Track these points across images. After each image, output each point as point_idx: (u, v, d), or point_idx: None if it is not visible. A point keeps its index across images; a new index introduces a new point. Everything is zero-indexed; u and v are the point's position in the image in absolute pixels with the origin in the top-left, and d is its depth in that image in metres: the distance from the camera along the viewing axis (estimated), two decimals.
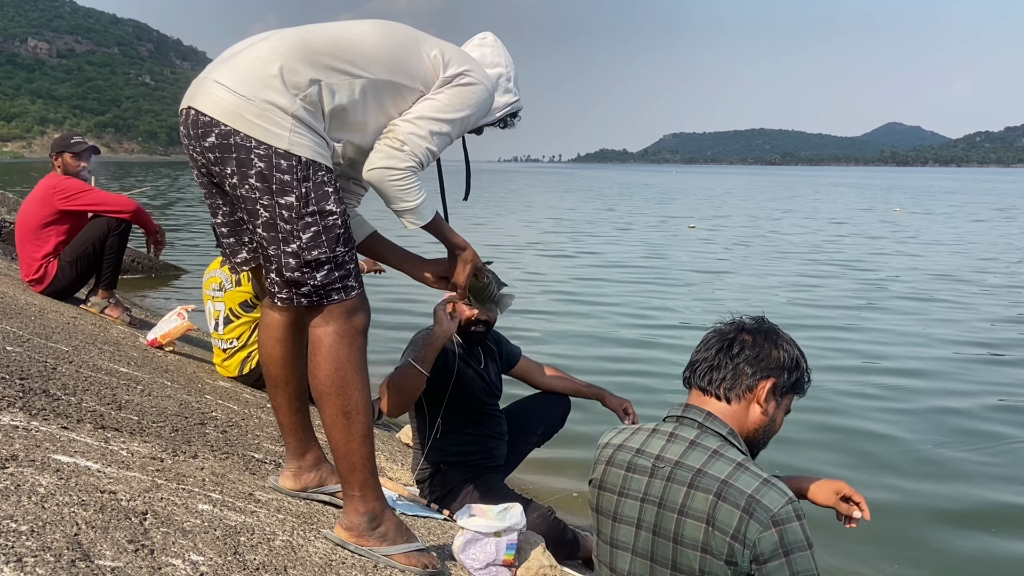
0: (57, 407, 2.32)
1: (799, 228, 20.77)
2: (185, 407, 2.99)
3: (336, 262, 1.85)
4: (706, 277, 11.55)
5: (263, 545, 1.75)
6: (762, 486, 1.58)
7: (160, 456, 2.18)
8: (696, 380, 1.79)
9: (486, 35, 2.29)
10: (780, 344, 1.78)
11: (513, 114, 2.32)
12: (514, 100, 2.28)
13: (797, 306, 9.23)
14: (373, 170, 1.93)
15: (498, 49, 2.25)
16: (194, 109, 1.83)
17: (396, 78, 1.95)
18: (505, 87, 2.24)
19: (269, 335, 2.12)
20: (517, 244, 15.73)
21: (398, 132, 1.93)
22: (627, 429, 1.84)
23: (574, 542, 2.94)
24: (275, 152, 1.78)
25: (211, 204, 2.01)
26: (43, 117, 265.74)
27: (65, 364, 2.95)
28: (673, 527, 1.64)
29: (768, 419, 1.77)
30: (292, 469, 2.24)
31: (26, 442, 1.86)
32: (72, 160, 4.91)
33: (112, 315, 4.79)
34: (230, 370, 4.01)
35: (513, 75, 2.27)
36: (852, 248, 15.87)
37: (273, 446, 2.90)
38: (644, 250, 15.06)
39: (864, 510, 1.87)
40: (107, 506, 1.59)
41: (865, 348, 7.20)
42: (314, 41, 1.87)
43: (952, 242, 17.51)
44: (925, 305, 9.34)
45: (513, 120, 2.34)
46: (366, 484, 1.92)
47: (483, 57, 2.20)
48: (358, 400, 1.88)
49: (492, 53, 2.23)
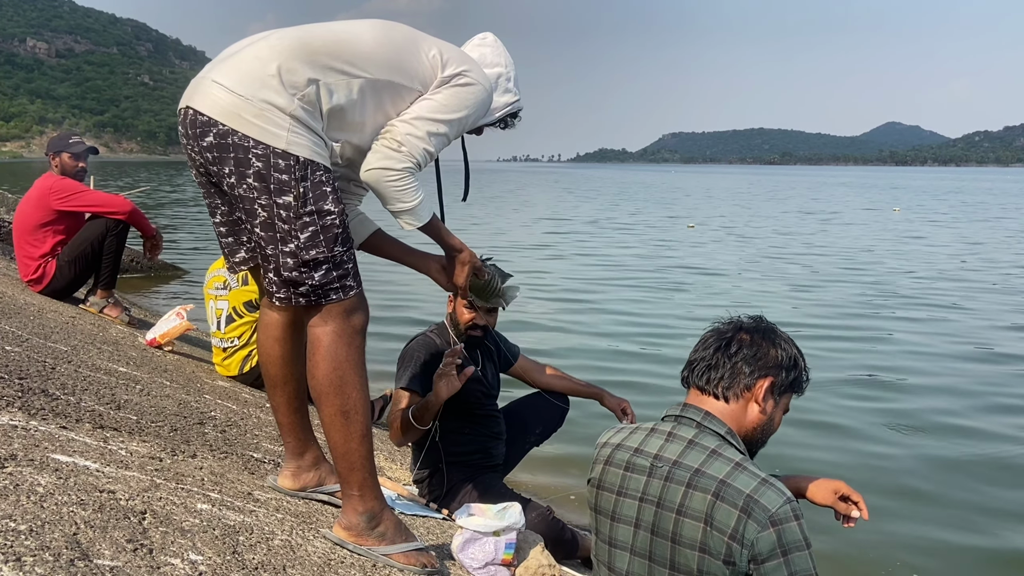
0: (56, 407, 2.32)
1: (799, 228, 20.75)
2: (184, 407, 2.99)
3: (334, 262, 1.85)
4: (704, 278, 11.55)
5: (262, 544, 1.75)
6: (760, 486, 1.58)
7: (159, 456, 2.18)
8: (694, 379, 1.79)
9: (486, 35, 2.29)
10: (778, 343, 1.78)
11: (513, 114, 2.32)
12: (514, 100, 2.28)
13: (798, 306, 9.23)
14: (370, 171, 1.93)
15: (498, 49, 2.25)
16: (192, 108, 1.83)
17: (394, 78, 1.95)
18: (505, 87, 2.24)
19: (268, 334, 2.12)
20: (515, 244, 15.72)
21: (395, 133, 1.93)
22: (626, 428, 1.84)
23: (573, 541, 2.94)
24: (273, 152, 1.78)
25: (210, 204, 2.01)
26: (42, 117, 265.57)
27: (64, 364, 2.95)
28: (671, 527, 1.64)
29: (766, 418, 1.77)
30: (291, 468, 2.24)
31: (25, 442, 1.86)
32: (70, 160, 4.91)
33: (111, 315, 4.80)
34: (230, 369, 4.01)
35: (513, 75, 2.27)
36: (854, 248, 15.83)
37: (272, 445, 2.90)
38: (642, 250, 15.05)
39: (863, 509, 1.87)
40: (106, 505, 1.59)
41: (870, 350, 7.19)
42: (312, 41, 1.87)
43: (958, 241, 17.49)
44: (937, 311, 9.20)
45: (513, 120, 2.34)
46: (365, 483, 1.92)
47: (483, 57, 2.20)
48: (356, 399, 1.88)
49: (492, 53, 2.23)
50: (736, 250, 15.25)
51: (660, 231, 19.43)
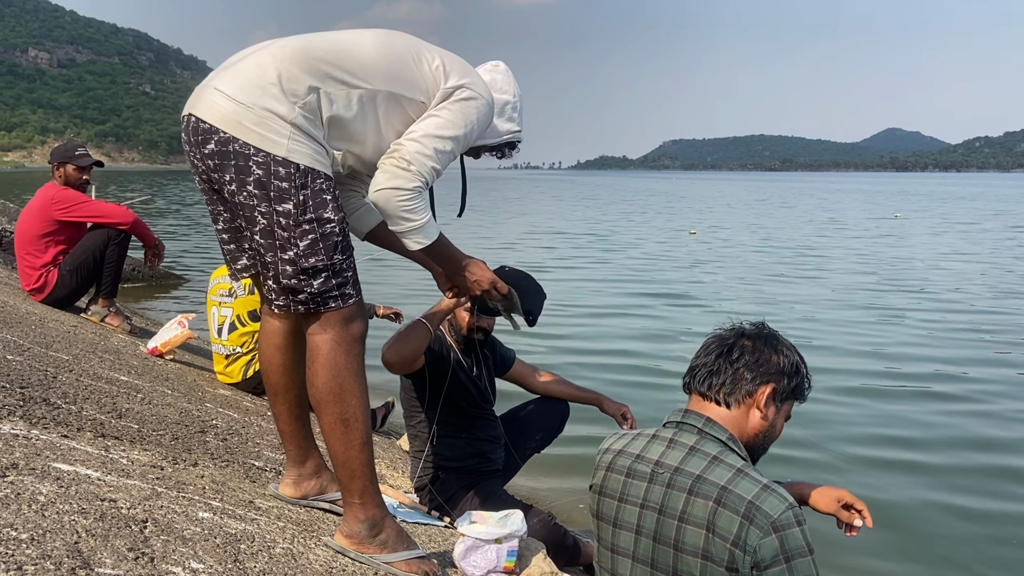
0: (57, 416, 2.32)
1: (804, 234, 20.71)
2: (185, 415, 2.99)
3: (333, 270, 1.85)
4: (706, 283, 11.54)
5: (263, 553, 1.75)
6: (762, 492, 1.57)
7: (160, 464, 2.18)
8: (696, 385, 1.79)
9: (498, 63, 2.31)
10: (780, 349, 1.78)
11: (511, 145, 2.33)
12: (516, 130, 2.30)
13: (802, 307, 9.22)
14: (380, 191, 1.92)
15: (508, 78, 2.27)
16: (194, 116, 1.83)
17: (396, 88, 1.95)
18: (509, 115, 2.26)
19: (269, 342, 2.13)
20: (519, 252, 15.72)
21: (403, 152, 1.92)
22: (627, 434, 1.84)
23: (575, 548, 2.93)
24: (273, 159, 1.78)
25: (212, 211, 2.01)
26: (44, 127, 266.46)
27: (65, 373, 2.95)
28: (673, 533, 1.64)
29: (768, 424, 1.76)
30: (292, 477, 2.24)
31: (26, 451, 1.86)
32: (75, 172, 4.93)
33: (112, 324, 4.80)
34: (233, 376, 4.01)
35: (520, 106, 2.29)
36: (863, 254, 15.72)
37: (273, 454, 2.90)
38: (644, 257, 15.05)
39: (866, 517, 1.86)
40: (107, 514, 1.59)
41: (878, 357, 7.17)
42: (314, 49, 1.88)
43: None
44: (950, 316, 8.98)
45: (510, 151, 2.35)
46: (366, 491, 1.92)
47: (493, 82, 2.22)
48: (356, 407, 1.88)
49: (503, 80, 2.26)
50: (739, 256, 15.17)
51: (661, 237, 19.35)
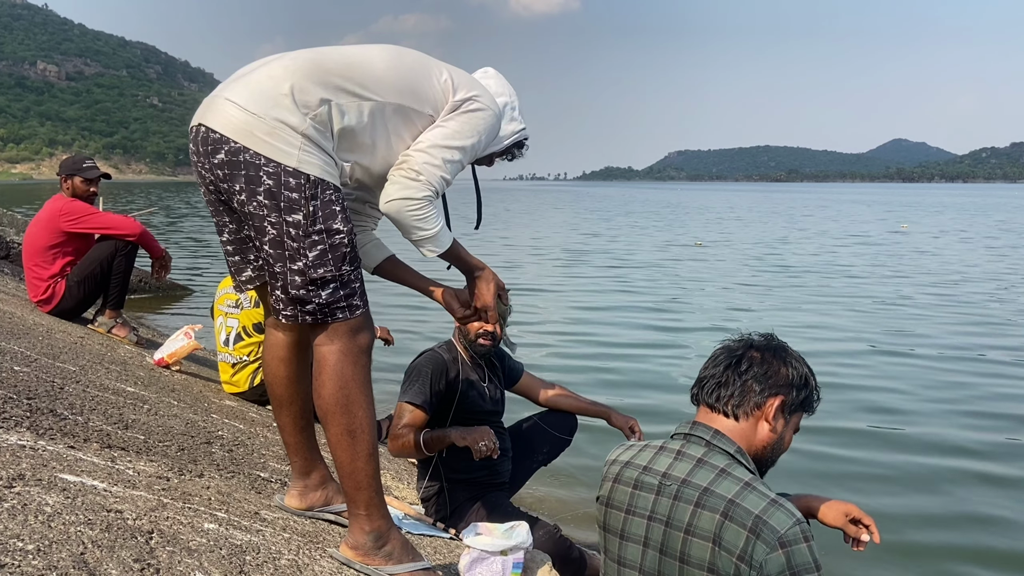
0: (64, 426, 2.32)
1: (812, 246, 20.64)
2: (191, 426, 2.99)
3: (341, 280, 1.85)
4: (714, 294, 11.52)
5: (269, 564, 1.74)
6: (769, 506, 1.56)
7: (166, 475, 2.17)
8: (704, 397, 1.79)
9: (487, 69, 2.33)
10: (789, 361, 1.77)
11: (519, 144, 2.34)
12: (521, 128, 2.31)
13: (811, 322, 9.20)
14: (391, 202, 1.94)
15: (501, 81, 2.29)
16: (204, 126, 1.84)
17: (405, 102, 1.97)
18: (511, 115, 2.27)
19: (273, 355, 2.13)
20: (523, 265, 15.73)
21: (412, 163, 1.94)
22: (635, 446, 1.83)
23: (581, 560, 2.92)
24: (284, 170, 1.79)
25: (218, 222, 2.02)
26: (52, 139, 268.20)
27: (72, 384, 2.96)
28: (680, 546, 1.63)
29: (776, 437, 1.75)
30: (298, 488, 2.23)
31: (33, 461, 1.86)
32: (82, 184, 4.96)
33: (119, 335, 4.81)
34: (239, 384, 4.03)
35: (517, 104, 2.30)
36: (871, 267, 15.62)
37: (279, 465, 2.89)
38: (651, 267, 15.04)
39: (874, 533, 1.85)
40: (113, 525, 1.59)
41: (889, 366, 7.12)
42: (326, 62, 1.89)
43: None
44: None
45: (519, 151, 2.36)
46: (371, 503, 1.91)
47: (487, 88, 2.23)
48: (363, 419, 1.88)
49: (496, 84, 2.27)
50: (748, 268, 15.12)
51: (666, 247, 19.31)
